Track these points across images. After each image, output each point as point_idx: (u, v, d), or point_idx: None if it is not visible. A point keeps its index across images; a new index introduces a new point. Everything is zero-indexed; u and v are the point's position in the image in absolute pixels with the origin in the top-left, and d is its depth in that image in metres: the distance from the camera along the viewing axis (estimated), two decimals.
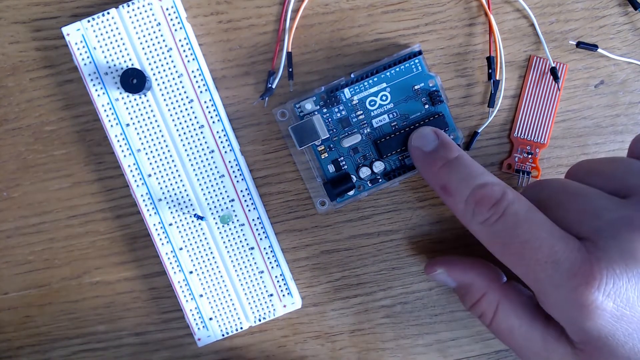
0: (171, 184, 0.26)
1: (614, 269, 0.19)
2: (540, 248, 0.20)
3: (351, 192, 0.26)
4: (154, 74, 0.25)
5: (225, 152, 0.26)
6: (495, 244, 0.21)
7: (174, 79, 0.25)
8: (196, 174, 0.26)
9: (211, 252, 0.26)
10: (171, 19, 0.25)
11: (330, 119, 0.26)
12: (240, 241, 0.26)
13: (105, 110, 0.25)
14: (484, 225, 0.21)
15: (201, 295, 0.26)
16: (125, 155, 0.26)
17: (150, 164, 0.26)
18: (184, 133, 0.26)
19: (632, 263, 0.19)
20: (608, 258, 0.19)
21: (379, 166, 0.26)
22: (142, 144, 0.26)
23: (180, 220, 0.26)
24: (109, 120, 0.26)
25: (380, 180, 0.26)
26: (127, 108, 0.25)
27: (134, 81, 0.24)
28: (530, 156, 0.27)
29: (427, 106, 0.26)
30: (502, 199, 0.21)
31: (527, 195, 0.22)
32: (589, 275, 0.19)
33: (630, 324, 0.19)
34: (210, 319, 0.26)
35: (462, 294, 0.25)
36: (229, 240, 0.26)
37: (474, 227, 0.22)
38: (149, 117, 0.26)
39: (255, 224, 0.26)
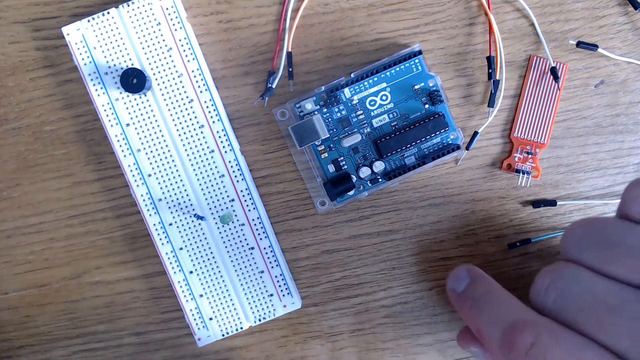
0: (171, 184, 0.26)
1: None
2: None
3: (351, 192, 0.26)
4: (154, 74, 0.25)
5: (225, 152, 0.26)
6: None
7: (174, 78, 0.25)
8: (196, 174, 0.26)
9: (211, 252, 0.26)
10: (171, 19, 0.25)
11: (330, 119, 0.26)
12: (240, 241, 0.26)
13: (105, 110, 0.25)
14: None
15: (201, 295, 0.26)
16: (125, 155, 0.26)
17: (150, 164, 0.26)
18: (184, 133, 0.26)
19: None
20: None
21: (379, 166, 0.26)
22: (142, 144, 0.26)
23: (180, 220, 0.26)
24: (109, 120, 0.26)
25: (380, 180, 0.26)
26: (127, 108, 0.25)
27: (134, 81, 0.24)
28: (530, 156, 0.27)
29: (427, 106, 0.26)
30: (537, 343, 0.19)
31: (548, 298, 0.20)
32: None
33: None
34: (210, 319, 0.26)
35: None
36: (229, 240, 0.26)
37: None
38: (149, 117, 0.26)
39: (255, 224, 0.26)
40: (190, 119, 0.26)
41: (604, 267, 0.19)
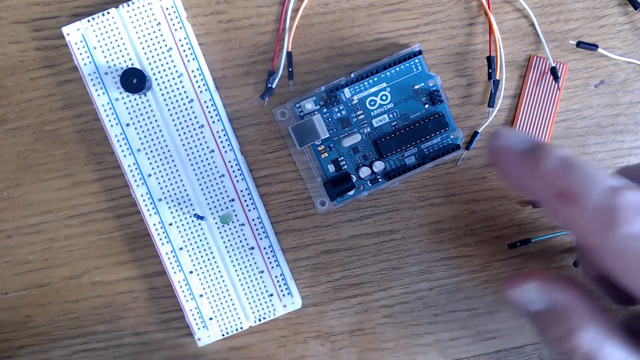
0: (171, 184, 0.26)
1: None
2: None
3: (351, 192, 0.26)
4: (154, 74, 0.25)
5: (225, 152, 0.26)
6: None
7: (174, 78, 0.25)
8: (196, 174, 0.26)
9: (211, 252, 0.26)
10: (171, 19, 0.25)
11: (330, 119, 0.26)
12: (240, 241, 0.26)
13: (105, 110, 0.25)
14: (634, 239, 0.16)
15: (201, 295, 0.26)
16: (125, 155, 0.26)
17: (150, 164, 0.26)
18: (184, 133, 0.26)
19: None
20: None
21: (379, 166, 0.26)
22: (142, 144, 0.26)
23: (180, 220, 0.26)
24: (109, 120, 0.26)
25: (380, 180, 0.26)
26: (127, 108, 0.25)
27: (134, 81, 0.24)
28: None
29: (427, 106, 0.26)
30: None
31: None
32: None
33: None
34: (210, 319, 0.26)
35: (551, 320, 0.19)
36: (229, 240, 0.26)
37: (612, 242, 0.16)
38: (149, 117, 0.26)
39: (255, 224, 0.26)
40: (190, 119, 0.26)
41: None
